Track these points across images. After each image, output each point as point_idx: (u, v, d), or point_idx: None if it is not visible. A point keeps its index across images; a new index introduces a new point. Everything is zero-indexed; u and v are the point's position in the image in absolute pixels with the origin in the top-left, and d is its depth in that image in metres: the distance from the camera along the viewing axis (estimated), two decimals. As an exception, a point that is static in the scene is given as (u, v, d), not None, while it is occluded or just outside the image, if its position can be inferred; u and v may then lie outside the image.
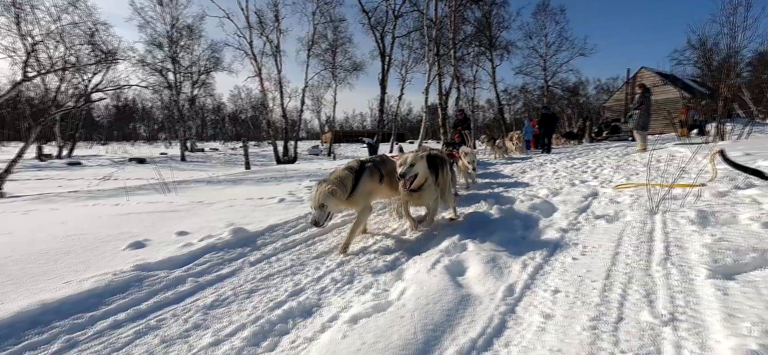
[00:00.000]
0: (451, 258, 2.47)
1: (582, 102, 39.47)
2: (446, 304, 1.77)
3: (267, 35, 22.06)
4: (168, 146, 40.21)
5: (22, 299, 1.90)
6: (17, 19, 13.86)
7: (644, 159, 7.51)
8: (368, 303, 1.87)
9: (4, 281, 2.21)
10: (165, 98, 28.99)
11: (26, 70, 12.47)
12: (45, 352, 1.59)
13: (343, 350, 1.44)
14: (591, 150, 12.46)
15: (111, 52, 16.44)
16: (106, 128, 54.48)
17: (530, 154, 12.87)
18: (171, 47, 24.17)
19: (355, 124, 76.63)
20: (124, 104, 49.47)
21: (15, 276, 2.29)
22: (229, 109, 56.12)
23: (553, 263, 2.25)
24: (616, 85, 38.98)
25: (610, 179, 5.34)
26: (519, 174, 7.27)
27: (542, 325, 1.57)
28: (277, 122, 25.53)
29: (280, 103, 23.75)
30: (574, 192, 4.44)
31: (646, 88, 9.63)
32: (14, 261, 2.53)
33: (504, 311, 1.72)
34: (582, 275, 1.99)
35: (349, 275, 2.41)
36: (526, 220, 3.42)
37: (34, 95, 27.57)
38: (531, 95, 31.08)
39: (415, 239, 3.15)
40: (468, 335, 1.54)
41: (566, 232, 2.84)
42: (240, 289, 2.31)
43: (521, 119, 33.80)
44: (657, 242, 2.33)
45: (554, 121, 14.69)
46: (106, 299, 2.03)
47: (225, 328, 1.85)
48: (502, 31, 23.79)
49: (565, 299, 1.75)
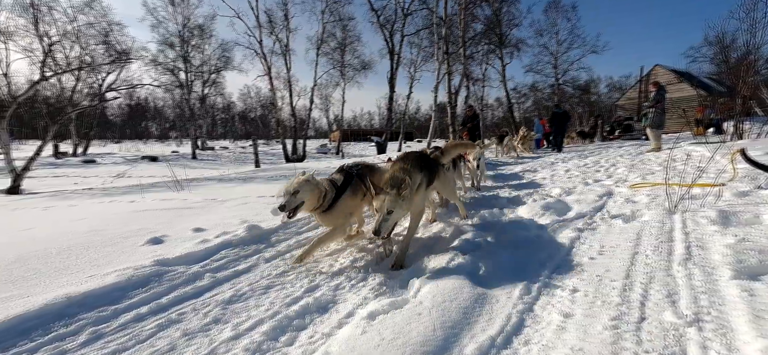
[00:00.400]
0: (465, 257, 2.46)
1: (593, 100, 38.89)
2: (463, 302, 1.77)
3: (276, 34, 22.23)
4: (179, 145, 40.82)
5: (47, 293, 1.95)
6: (35, 19, 14.19)
7: (659, 158, 7.38)
8: (384, 300, 1.88)
9: (29, 275, 2.27)
10: (176, 97, 29.45)
11: (44, 70, 12.76)
12: (72, 343, 1.63)
13: (362, 345, 1.45)
14: (603, 149, 12.27)
15: (125, 51, 16.75)
16: (119, 127, 55.58)
17: (540, 153, 12.74)
18: (182, 47, 24.51)
19: (362, 122, 76.73)
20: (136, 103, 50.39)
21: (39, 270, 2.35)
22: (239, 108, 56.73)
23: (570, 263, 2.23)
24: (628, 84, 38.25)
25: (624, 178, 5.26)
26: (530, 173, 7.21)
27: (562, 324, 1.56)
28: (286, 121, 25.72)
29: (289, 102, 23.92)
30: (588, 191, 4.38)
31: (660, 86, 9.44)
32: (37, 256, 2.60)
33: (522, 310, 1.71)
34: (600, 275, 1.97)
35: (363, 272, 2.42)
36: (539, 219, 3.40)
37: (51, 94, 28.22)
38: (541, 94, 30.75)
39: (428, 238, 3.15)
40: (487, 332, 1.53)
41: (582, 231, 2.81)
42: (256, 285, 2.34)
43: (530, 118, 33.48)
44: (677, 242, 2.29)
45: (566, 120, 14.48)
46: (129, 292, 2.07)
47: (244, 322, 1.88)
48: (512, 28, 23.58)
49: (584, 299, 1.73)
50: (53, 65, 14.28)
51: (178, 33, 24.40)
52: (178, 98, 28.36)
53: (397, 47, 21.61)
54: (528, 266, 2.22)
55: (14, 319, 1.67)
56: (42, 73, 12.62)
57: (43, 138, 13.18)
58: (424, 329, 1.52)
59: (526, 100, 37.90)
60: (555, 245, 2.57)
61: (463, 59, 16.04)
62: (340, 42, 24.74)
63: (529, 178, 6.56)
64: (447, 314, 1.64)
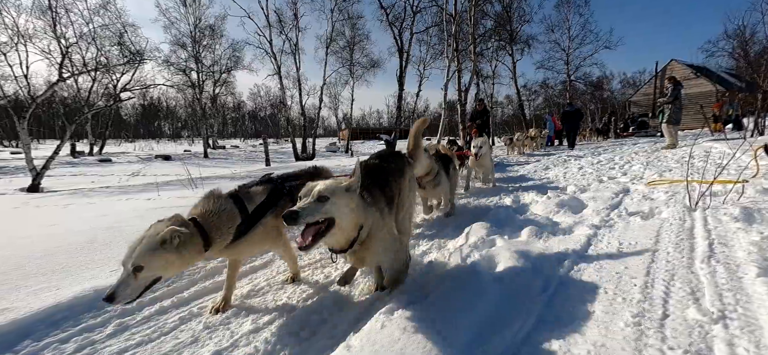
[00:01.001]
0: (482, 253, 2.46)
1: (606, 97, 38.20)
2: (485, 297, 1.77)
3: (286, 33, 22.35)
4: (191, 143, 41.48)
5: (75, 286, 2.01)
6: (53, 21, 14.57)
7: (676, 155, 7.23)
8: (401, 297, 1.89)
9: (56, 269, 2.35)
10: (188, 97, 29.90)
11: (62, 71, 13.11)
12: (100, 334, 1.69)
13: (383, 338, 1.46)
14: (617, 146, 12.08)
15: (139, 52, 17.07)
16: (133, 126, 56.72)
17: (552, 151, 12.58)
18: (194, 47, 24.85)
19: (371, 121, 76.75)
20: (149, 103, 51.37)
21: (65, 265, 2.43)
22: (249, 107, 57.32)
23: (588, 260, 2.21)
24: (642, 79, 37.51)
25: (640, 175, 5.17)
26: (542, 171, 7.14)
27: (583, 320, 1.54)
28: (296, 119, 25.89)
29: (298, 101, 24.06)
30: (603, 189, 4.32)
31: (677, 82, 9.23)
32: (62, 251, 2.68)
33: (541, 306, 1.70)
34: (620, 272, 1.95)
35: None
36: (554, 216, 3.37)
37: (67, 95, 28.96)
38: (552, 90, 30.30)
39: (441, 234, 3.15)
40: (510, 328, 1.53)
41: (599, 228, 2.77)
42: (272, 280, 2.38)
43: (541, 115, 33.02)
44: (699, 239, 2.25)
45: (578, 118, 14.34)
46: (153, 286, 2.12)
47: (262, 317, 1.92)
48: (523, 24, 23.27)
49: (604, 295, 1.72)
50: (70, 67, 14.65)
51: (189, 33, 24.75)
52: (190, 98, 28.79)
53: (406, 45, 21.57)
54: (544, 263, 2.20)
55: (48, 310, 1.74)
56: (60, 74, 12.96)
57: (61, 138, 13.56)
58: (448, 326, 1.53)
59: (536, 97, 37.45)
60: (572, 241, 2.54)
61: (472, 56, 15.91)
62: (349, 40, 24.79)
63: (542, 175, 6.49)
64: (469, 310, 1.64)
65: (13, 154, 23.98)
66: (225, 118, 50.14)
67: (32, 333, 1.62)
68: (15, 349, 1.52)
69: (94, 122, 25.07)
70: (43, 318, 1.70)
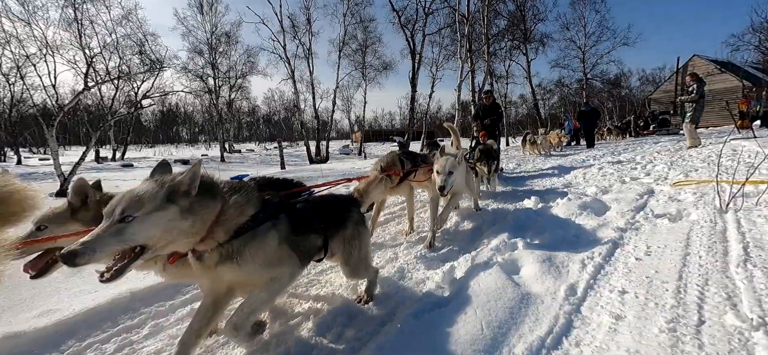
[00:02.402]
0: (504, 257, 2.45)
1: (624, 94, 37.22)
2: (508, 301, 1.76)
3: (300, 38, 22.66)
4: (208, 148, 42.39)
5: (112, 288, 2.10)
6: (79, 33, 15.18)
7: (701, 154, 6.99)
8: (426, 299, 1.90)
9: (92, 272, 2.45)
10: (205, 102, 30.60)
11: (87, 80, 13.63)
12: (137, 335, 1.75)
13: (411, 341, 1.48)
14: (637, 145, 11.75)
15: (158, 60, 17.60)
16: (152, 132, 58.42)
17: (569, 151, 12.34)
18: (211, 54, 25.43)
19: (383, 123, 76.85)
20: (168, 109, 52.78)
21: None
22: (263, 112, 58.26)
23: (615, 264, 2.17)
24: (662, 76, 36.39)
25: (664, 175, 5.02)
26: (561, 172, 7.01)
27: (613, 326, 1.52)
28: (309, 123, 26.17)
29: (312, 104, 24.33)
30: (626, 190, 4.22)
31: (700, 79, 8.92)
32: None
33: (569, 311, 1.69)
34: (650, 276, 1.91)
35: (400, 271, 2.43)
36: (576, 218, 3.31)
37: (91, 103, 30.05)
38: (568, 89, 29.71)
39: (464, 238, 3.14)
40: (535, 333, 1.52)
41: (624, 231, 2.72)
42: (297, 283, 2.42)
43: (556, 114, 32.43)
44: (732, 242, 2.18)
45: (596, 117, 14.14)
46: (182, 289, 2.19)
47: (290, 319, 1.95)
48: (537, 23, 22.93)
49: (634, 300, 1.69)
50: (95, 76, 15.22)
51: (206, 40, 25.36)
52: (207, 103, 29.45)
53: (418, 47, 21.54)
54: (570, 267, 2.18)
55: (88, 311, 1.82)
56: (85, 83, 13.47)
57: (86, 144, 14.09)
58: (472, 328, 1.53)
59: (551, 96, 36.80)
60: (596, 244, 2.50)
61: (486, 56, 15.78)
62: (362, 44, 24.92)
63: (561, 176, 6.38)
64: (493, 314, 1.64)
65: (41, 161, 25.04)
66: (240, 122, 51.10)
67: (75, 333, 1.70)
68: (61, 348, 1.61)
69: (116, 129, 25.93)
70: (85, 319, 1.79)
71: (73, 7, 15.27)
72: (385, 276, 2.32)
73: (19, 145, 29.96)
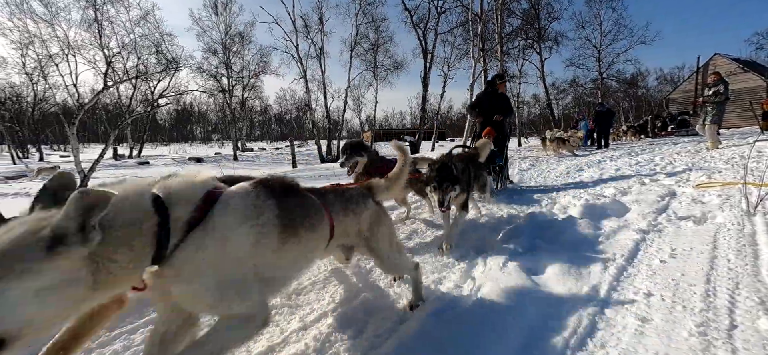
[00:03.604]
0: (522, 257, 2.42)
1: (640, 94, 36.38)
2: (529, 301, 1.74)
3: (312, 38, 22.84)
4: (221, 146, 43.13)
5: (136, 280, 2.15)
6: (99, 33, 15.60)
7: (724, 156, 6.79)
8: (445, 297, 1.89)
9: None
10: (218, 101, 31.11)
11: (106, 80, 14.00)
12: (162, 327, 1.79)
13: (433, 339, 1.48)
14: (655, 146, 11.48)
15: (174, 60, 17.97)
16: (167, 130, 59.71)
17: (583, 152, 12.13)
18: (225, 53, 25.82)
19: (394, 122, 76.86)
20: (183, 108, 53.86)
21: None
22: (275, 111, 58.91)
23: (638, 266, 2.12)
24: (681, 75, 35.47)
25: (686, 177, 4.89)
26: (575, 172, 6.90)
27: (640, 328, 1.49)
28: (320, 122, 26.34)
29: (323, 104, 24.49)
30: (646, 191, 4.13)
31: (722, 78, 8.66)
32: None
33: (592, 312, 1.66)
34: (676, 279, 1.86)
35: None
36: (595, 219, 3.24)
37: (109, 102, 30.88)
38: (582, 88, 29.19)
39: (479, 238, 3.12)
40: (559, 334, 1.50)
41: (647, 233, 2.65)
42: (315, 279, 2.44)
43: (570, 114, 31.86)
44: (763, 246, 2.11)
45: (611, 117, 13.99)
46: None
47: (309, 315, 1.97)
48: (551, 22, 22.58)
49: (661, 303, 1.65)
50: (114, 75, 15.63)
51: (220, 40, 25.76)
52: (220, 102, 29.93)
53: (430, 46, 21.48)
54: (591, 269, 2.14)
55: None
56: (105, 83, 13.83)
57: (104, 142, 14.48)
58: (496, 327, 1.52)
59: (565, 96, 36.22)
60: (617, 247, 2.45)
61: (499, 56, 15.62)
62: (373, 43, 24.96)
63: (577, 177, 6.28)
64: (515, 313, 1.63)
65: (61, 158, 25.81)
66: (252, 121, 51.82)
67: (104, 324, 1.75)
68: (92, 338, 1.65)
69: (132, 127, 26.57)
70: (113, 311, 1.84)
71: (94, 7, 15.70)
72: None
73: (41, 143, 30.95)
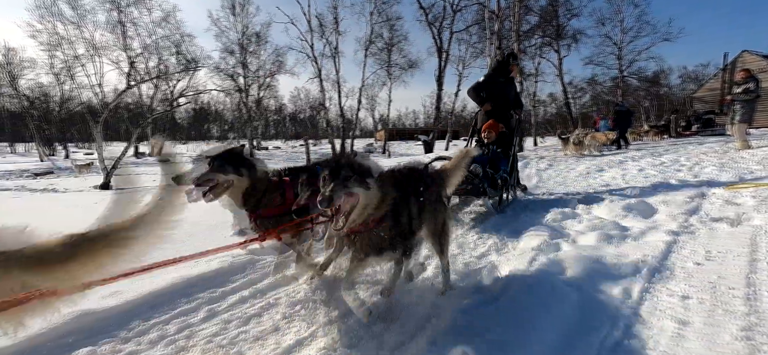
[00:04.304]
0: (548, 256, 2.38)
1: (663, 93, 35.18)
2: (559, 301, 1.71)
3: (327, 38, 23.00)
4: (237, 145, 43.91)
5: (167, 274, 2.21)
6: (123, 35, 16.10)
7: (755, 156, 6.51)
8: (474, 295, 1.88)
9: (146, 259, 2.59)
10: (235, 100, 31.68)
11: (129, 80, 14.44)
12: (195, 317, 1.84)
13: (464, 335, 1.47)
14: (680, 146, 11.09)
15: (194, 60, 18.39)
16: (185, 129, 61.12)
17: (603, 152, 11.83)
18: (241, 53, 26.26)
19: (407, 122, 76.65)
20: (200, 107, 55.00)
21: (153, 256, 2.67)
22: (290, 110, 59.57)
23: (671, 267, 2.06)
24: (706, 73, 34.17)
25: (715, 178, 4.72)
26: (596, 172, 6.73)
27: (679, 331, 1.45)
28: (334, 121, 26.51)
29: (337, 103, 24.64)
30: (674, 192, 4.00)
31: (753, 75, 8.30)
32: (148, 242, 2.95)
33: (627, 314, 1.62)
34: (714, 282, 1.80)
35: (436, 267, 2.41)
36: (621, 220, 3.16)
37: (131, 101, 31.81)
38: (601, 87, 28.40)
39: (498, 236, 3.08)
40: (594, 334, 1.47)
41: (678, 235, 2.57)
42: (336, 275, 2.45)
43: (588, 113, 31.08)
44: (806, 249, 2.02)
45: (630, 117, 13.82)
46: (231, 277, 2.29)
47: (334, 310, 1.99)
48: (570, 19, 22.03)
49: (700, 306, 1.60)
50: (136, 75, 16.10)
51: (238, 41, 26.21)
52: (236, 101, 30.46)
53: (445, 44, 21.34)
54: (621, 270, 2.09)
55: (149, 294, 1.93)
56: (128, 82, 14.29)
57: (127, 140, 14.93)
58: (528, 326, 1.50)
59: (582, 94, 35.37)
60: (648, 248, 2.38)
61: (517, 53, 15.36)
62: (388, 42, 24.95)
63: (598, 177, 6.13)
64: (546, 313, 1.60)
65: (86, 155, 26.77)
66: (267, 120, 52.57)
67: (140, 314, 1.81)
68: (129, 327, 1.71)
69: (152, 125, 27.31)
70: (147, 301, 1.90)
71: (118, 10, 16.21)
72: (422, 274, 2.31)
73: (67, 141, 32.11)
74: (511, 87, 4.56)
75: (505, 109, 4.34)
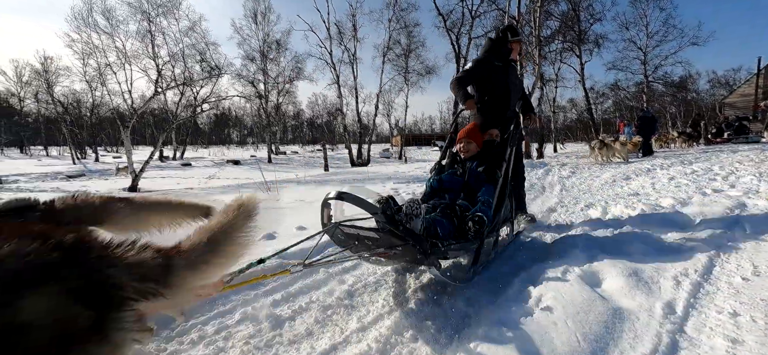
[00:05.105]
0: (582, 268, 2.31)
1: (690, 98, 33.91)
2: (599, 315, 1.67)
3: (345, 44, 23.33)
4: (256, 149, 44.88)
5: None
6: (152, 44, 16.79)
7: (797, 165, 6.17)
8: (508, 305, 1.85)
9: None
10: (254, 106, 32.41)
11: (157, 87, 15.01)
12: (231, 320, 1.89)
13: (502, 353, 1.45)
14: (711, 154, 10.63)
15: (217, 67, 18.96)
16: (207, 134, 63.03)
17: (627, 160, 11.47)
18: (262, 60, 26.91)
19: (423, 127, 76.57)
20: (221, 112, 56.63)
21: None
22: (307, 115, 60.53)
23: (716, 283, 1.97)
24: (737, 78, 32.80)
25: (755, 188, 4.49)
26: (622, 180, 6.54)
27: (731, 350, 1.38)
28: (351, 127, 26.75)
29: (354, 108, 24.88)
30: (710, 203, 3.83)
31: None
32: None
33: (671, 330, 1.56)
34: (766, 299, 1.71)
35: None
36: (655, 232, 3.05)
37: (156, 107, 33.05)
38: (625, 92, 27.63)
39: (530, 248, 3.03)
40: (638, 350, 1.43)
41: (719, 248, 2.46)
42: (366, 281, 2.47)
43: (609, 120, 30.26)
44: None
45: (654, 123, 13.46)
46: (265, 281, 2.32)
47: (366, 316, 2.00)
48: (592, 23, 21.59)
49: (753, 324, 1.52)
50: (163, 82, 16.72)
51: (259, 48, 26.90)
52: (256, 107, 31.15)
53: (464, 50, 21.26)
54: (661, 283, 2.01)
55: (189, 295, 1.98)
56: (156, 89, 14.85)
57: (153, 144, 15.47)
58: (567, 339, 1.47)
59: (604, 100, 34.52)
60: (688, 261, 2.29)
61: (536, 60, 15.16)
62: (405, 48, 25.09)
63: (625, 185, 5.95)
64: (586, 326, 1.56)
65: (115, 159, 27.92)
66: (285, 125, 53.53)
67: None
68: (171, 326, 1.77)
69: (176, 130, 28.26)
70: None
71: (148, 20, 16.92)
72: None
73: (97, 145, 33.59)
74: (512, 74, 3.31)
75: (505, 106, 3.15)
